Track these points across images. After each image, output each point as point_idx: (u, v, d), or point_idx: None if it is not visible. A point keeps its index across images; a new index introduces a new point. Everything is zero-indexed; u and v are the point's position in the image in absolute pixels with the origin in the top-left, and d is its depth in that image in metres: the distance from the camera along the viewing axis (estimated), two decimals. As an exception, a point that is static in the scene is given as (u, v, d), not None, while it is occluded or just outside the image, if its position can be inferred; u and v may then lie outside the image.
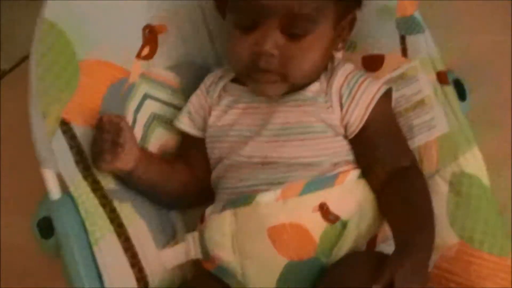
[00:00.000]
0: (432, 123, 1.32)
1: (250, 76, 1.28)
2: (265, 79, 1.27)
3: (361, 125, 1.27)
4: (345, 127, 1.28)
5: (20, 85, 1.76)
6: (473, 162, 1.29)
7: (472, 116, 1.34)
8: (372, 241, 1.27)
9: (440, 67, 1.35)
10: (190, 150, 1.38)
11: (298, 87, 1.29)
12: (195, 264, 1.33)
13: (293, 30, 1.23)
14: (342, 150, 1.28)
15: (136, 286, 1.23)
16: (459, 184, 1.27)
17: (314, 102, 1.29)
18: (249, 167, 1.27)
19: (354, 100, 1.27)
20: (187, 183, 1.35)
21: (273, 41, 1.23)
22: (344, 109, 1.27)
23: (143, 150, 1.31)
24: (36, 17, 1.22)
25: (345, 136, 1.28)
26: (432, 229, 1.19)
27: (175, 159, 1.37)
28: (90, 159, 1.23)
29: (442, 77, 1.35)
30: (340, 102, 1.28)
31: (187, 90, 1.41)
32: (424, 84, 1.35)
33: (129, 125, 1.28)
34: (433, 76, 1.35)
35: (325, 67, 1.33)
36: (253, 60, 1.25)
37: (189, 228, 1.36)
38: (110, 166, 1.22)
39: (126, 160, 1.23)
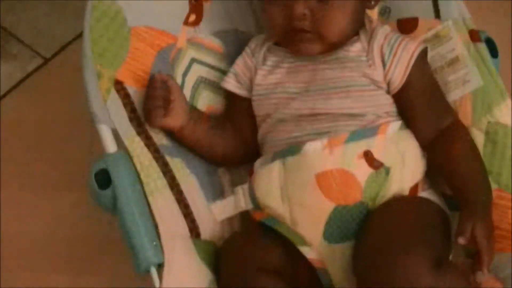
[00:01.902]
0: (466, 78, 1.34)
1: (288, 38, 1.32)
2: (302, 39, 1.31)
3: (403, 81, 1.30)
4: (388, 84, 1.31)
5: (62, 73, 1.84)
6: (507, 113, 1.31)
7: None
8: (414, 188, 1.29)
9: (472, 26, 1.37)
10: (237, 111, 1.41)
11: (336, 45, 1.33)
12: (243, 219, 1.36)
13: None
14: (385, 103, 1.31)
15: (189, 235, 1.27)
16: (495, 133, 1.30)
17: (356, 60, 1.32)
18: (297, 120, 1.31)
19: (395, 57, 1.30)
20: (234, 143, 1.39)
21: (303, 3, 1.27)
22: (387, 66, 1.30)
23: (193, 108, 1.35)
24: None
25: (388, 92, 1.32)
26: (489, 183, 1.26)
27: (223, 120, 1.41)
28: (142, 116, 1.28)
29: (474, 36, 1.36)
30: (382, 59, 1.31)
31: (231, 55, 1.45)
32: (458, 43, 1.37)
33: (179, 84, 1.32)
34: (466, 35, 1.37)
35: (361, 25, 1.36)
36: (288, 23, 1.30)
37: (234, 183, 1.38)
38: (161, 122, 1.27)
39: (177, 116, 1.28)
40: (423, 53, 1.34)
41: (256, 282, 1.21)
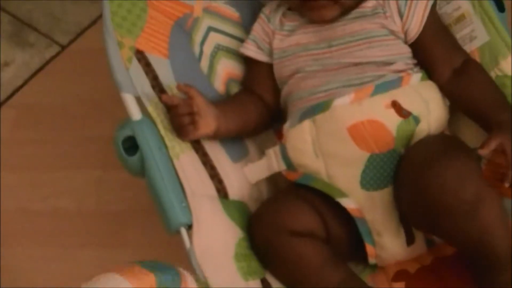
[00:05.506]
0: (473, 35, 1.33)
1: (303, 7, 1.31)
2: (318, 7, 1.29)
3: (420, 30, 1.29)
4: (405, 33, 1.30)
5: (78, 58, 1.81)
6: None
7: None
8: (440, 135, 1.29)
9: (477, -17, 1.36)
10: (258, 76, 1.38)
11: (351, 7, 1.31)
12: (271, 182, 1.34)
13: None
14: (405, 51, 1.30)
15: (216, 195, 1.24)
16: (503, 86, 1.27)
17: (373, 13, 1.31)
18: (323, 74, 1.29)
19: (411, 9, 1.30)
20: (260, 114, 1.35)
21: None
22: (404, 17, 1.30)
23: (218, 105, 1.28)
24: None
25: (405, 41, 1.31)
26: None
27: (244, 95, 1.37)
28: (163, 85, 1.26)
29: (479, -8, 1.36)
30: (399, 11, 1.30)
31: (246, 23, 1.42)
32: (463, 1, 1.35)
33: (198, 91, 1.25)
34: None
35: None
36: None
37: (259, 144, 1.37)
38: (194, 136, 1.23)
39: (207, 124, 1.24)
40: (434, 2, 1.33)
41: (289, 246, 1.20)
